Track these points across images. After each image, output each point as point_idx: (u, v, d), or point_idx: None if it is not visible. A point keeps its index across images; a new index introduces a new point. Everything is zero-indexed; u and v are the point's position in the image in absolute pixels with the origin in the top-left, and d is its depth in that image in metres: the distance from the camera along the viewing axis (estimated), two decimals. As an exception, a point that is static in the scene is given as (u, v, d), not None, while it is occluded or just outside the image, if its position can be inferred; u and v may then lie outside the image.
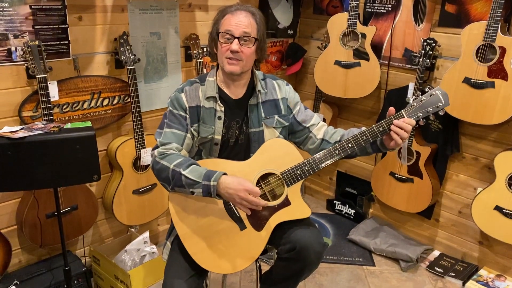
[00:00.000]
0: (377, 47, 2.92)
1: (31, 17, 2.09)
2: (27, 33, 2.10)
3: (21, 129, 1.83)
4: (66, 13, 2.20)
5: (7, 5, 2.01)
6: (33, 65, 2.05)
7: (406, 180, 2.83)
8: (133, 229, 2.69)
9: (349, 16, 2.80)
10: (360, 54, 2.86)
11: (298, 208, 1.70)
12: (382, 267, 2.80)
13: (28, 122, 2.17)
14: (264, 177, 1.72)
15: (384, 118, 1.66)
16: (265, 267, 2.04)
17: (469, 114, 2.46)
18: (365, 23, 2.96)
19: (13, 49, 2.08)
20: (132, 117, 2.41)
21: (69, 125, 1.89)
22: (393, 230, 3.07)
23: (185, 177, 1.59)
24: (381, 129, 1.65)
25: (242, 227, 1.69)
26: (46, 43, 2.15)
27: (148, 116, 2.65)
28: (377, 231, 3.05)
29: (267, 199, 1.71)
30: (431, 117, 1.66)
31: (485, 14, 2.42)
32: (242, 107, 1.79)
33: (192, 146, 1.77)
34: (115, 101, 2.47)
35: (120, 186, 2.47)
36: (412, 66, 2.77)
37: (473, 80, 2.40)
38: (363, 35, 2.83)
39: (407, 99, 1.68)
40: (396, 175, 2.87)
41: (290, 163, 1.69)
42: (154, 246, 2.51)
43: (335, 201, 3.42)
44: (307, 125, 1.85)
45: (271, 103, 1.82)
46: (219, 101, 1.75)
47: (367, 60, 2.85)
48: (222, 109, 1.76)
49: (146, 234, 2.52)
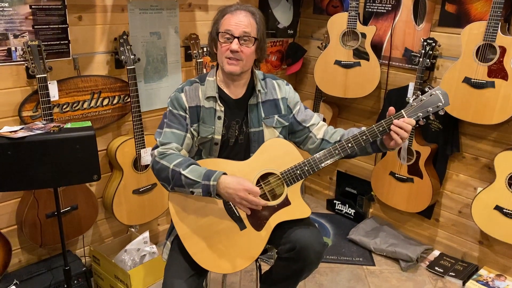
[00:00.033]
0: (377, 47, 2.91)
1: (31, 17, 2.09)
2: (27, 33, 2.10)
3: (21, 129, 1.83)
4: (66, 13, 2.20)
5: (7, 4, 2.01)
6: (33, 65, 2.05)
7: (406, 180, 2.83)
8: (133, 229, 2.70)
9: (349, 16, 2.80)
10: (360, 54, 2.86)
11: (298, 208, 1.70)
12: (382, 267, 2.80)
13: (28, 122, 2.17)
14: (264, 177, 1.72)
15: (384, 118, 1.66)
16: (265, 266, 2.04)
17: (469, 114, 2.46)
18: (365, 23, 2.95)
19: (13, 49, 2.08)
20: (132, 117, 2.41)
21: (69, 125, 1.89)
22: (393, 230, 3.07)
23: (185, 177, 1.59)
24: (381, 129, 1.65)
25: (242, 227, 1.69)
26: (46, 43, 2.15)
27: (148, 116, 2.65)
28: (377, 231, 3.05)
29: (267, 199, 1.71)
30: (431, 117, 1.66)
31: (485, 14, 2.42)
32: (242, 107, 1.79)
33: (192, 146, 1.77)
34: (115, 101, 2.47)
35: (120, 186, 2.47)
36: (412, 66, 2.77)
37: (473, 80, 2.40)
38: (363, 35, 2.83)
39: (407, 99, 1.67)
40: (396, 175, 2.87)
41: (290, 163, 1.69)
42: (154, 246, 2.51)
43: (335, 201, 3.42)
44: (307, 125, 1.85)
45: (271, 103, 1.82)
46: (219, 101, 1.75)
47: (367, 60, 2.85)
48: (222, 109, 1.75)
49: (146, 234, 2.52)
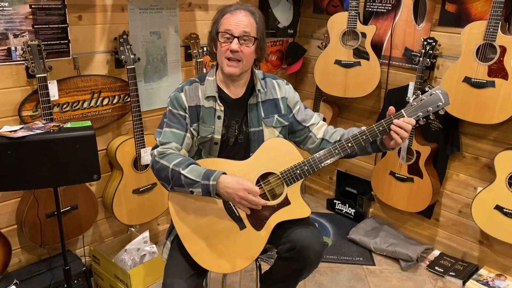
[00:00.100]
0: (377, 47, 2.91)
1: (31, 17, 2.09)
2: (27, 33, 2.09)
3: (21, 128, 1.82)
4: (66, 13, 2.20)
5: (7, 4, 2.01)
6: (33, 64, 2.05)
7: (406, 179, 2.83)
8: (133, 229, 2.69)
9: (349, 15, 2.80)
10: (360, 54, 2.86)
11: (297, 208, 1.70)
12: (382, 266, 2.80)
13: (28, 122, 2.16)
14: (264, 176, 1.72)
15: (384, 117, 1.65)
16: (265, 266, 2.04)
17: (469, 114, 2.46)
18: (365, 23, 2.95)
19: (13, 48, 2.07)
20: (132, 117, 2.41)
21: (69, 125, 1.89)
22: (393, 230, 3.07)
23: (185, 177, 1.59)
24: (381, 128, 1.65)
25: (242, 226, 1.69)
26: (46, 43, 2.15)
27: (148, 116, 2.65)
28: (377, 230, 3.05)
29: (267, 199, 1.71)
30: (431, 117, 1.65)
31: (485, 13, 2.42)
32: (242, 107, 1.79)
33: (192, 145, 1.77)
34: (115, 101, 2.47)
35: (120, 185, 2.47)
36: (412, 66, 2.77)
37: (473, 80, 2.40)
38: (363, 35, 2.82)
39: (407, 99, 1.67)
40: (396, 175, 2.87)
41: (290, 162, 1.69)
42: (154, 245, 2.51)
43: (335, 201, 3.42)
44: (307, 125, 1.85)
45: (270, 102, 1.81)
46: (218, 101, 1.75)
47: (367, 59, 2.84)
48: (222, 108, 1.75)
49: (146, 234, 2.52)
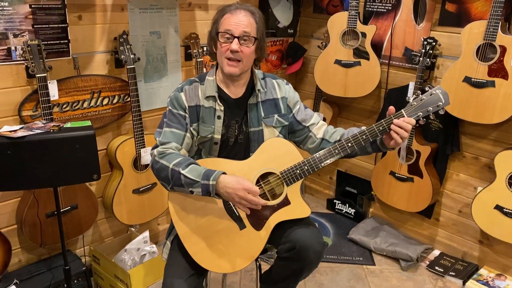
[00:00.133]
0: (377, 46, 2.91)
1: (31, 16, 2.09)
2: (26, 32, 2.09)
3: (21, 128, 1.82)
4: (66, 12, 2.20)
5: (6, 4, 2.01)
6: (32, 64, 2.05)
7: (406, 179, 2.83)
8: (133, 229, 2.69)
9: (349, 15, 2.80)
10: (360, 53, 2.85)
11: (297, 208, 1.70)
12: (382, 266, 2.80)
13: (28, 122, 2.16)
14: (264, 176, 1.72)
15: (384, 117, 1.65)
16: (265, 266, 2.04)
17: (469, 113, 2.46)
18: (365, 22, 2.95)
19: (12, 48, 2.07)
20: (132, 117, 2.40)
21: (68, 124, 1.89)
22: (393, 230, 3.07)
23: (184, 177, 1.59)
24: (381, 128, 1.65)
25: (242, 226, 1.69)
26: (46, 42, 2.15)
27: (148, 115, 2.65)
28: (377, 230, 3.05)
29: (267, 199, 1.71)
30: (431, 116, 1.65)
31: (486, 13, 2.42)
32: (242, 107, 1.78)
33: (192, 145, 1.77)
34: (115, 100, 2.47)
35: (120, 185, 2.47)
36: (413, 65, 2.77)
37: (473, 79, 2.40)
38: (363, 34, 2.82)
39: (407, 98, 1.67)
40: (396, 175, 2.87)
41: (290, 162, 1.69)
42: (154, 245, 2.51)
43: (335, 201, 3.42)
44: (306, 125, 1.85)
45: (270, 102, 1.81)
46: (218, 101, 1.75)
47: (367, 59, 2.84)
48: (222, 108, 1.75)
49: (146, 234, 2.52)
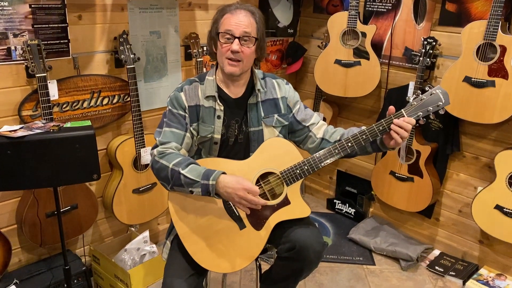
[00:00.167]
0: (377, 46, 2.91)
1: (31, 16, 2.09)
2: (26, 32, 2.09)
3: (21, 128, 1.82)
4: (66, 12, 2.20)
5: (6, 4, 2.00)
6: (32, 64, 2.05)
7: (406, 179, 2.83)
8: (133, 228, 2.69)
9: (349, 15, 2.80)
10: (360, 53, 2.85)
11: (297, 207, 1.70)
12: (382, 266, 2.80)
13: (28, 121, 2.16)
14: (264, 176, 1.72)
15: (384, 117, 1.65)
16: (265, 266, 2.04)
17: (469, 113, 2.46)
18: (365, 22, 2.95)
19: (12, 48, 2.07)
20: (132, 116, 2.40)
21: (68, 124, 1.89)
22: (393, 229, 3.07)
23: (184, 176, 1.59)
24: (381, 128, 1.65)
25: (242, 226, 1.69)
26: (46, 42, 2.15)
27: (148, 115, 2.65)
28: (377, 230, 3.05)
29: (267, 198, 1.70)
30: (432, 116, 1.65)
31: (486, 13, 2.42)
32: (242, 106, 1.78)
33: (192, 145, 1.77)
34: (115, 100, 2.47)
35: (120, 185, 2.47)
36: (413, 65, 2.77)
37: (473, 79, 2.40)
38: (363, 34, 2.82)
39: (407, 98, 1.67)
40: (396, 174, 2.87)
41: (290, 162, 1.69)
42: (154, 245, 2.50)
43: (335, 200, 3.42)
44: (306, 124, 1.85)
45: (270, 102, 1.81)
46: (218, 100, 1.75)
47: (367, 59, 2.84)
48: (222, 108, 1.75)
49: (146, 233, 2.52)
